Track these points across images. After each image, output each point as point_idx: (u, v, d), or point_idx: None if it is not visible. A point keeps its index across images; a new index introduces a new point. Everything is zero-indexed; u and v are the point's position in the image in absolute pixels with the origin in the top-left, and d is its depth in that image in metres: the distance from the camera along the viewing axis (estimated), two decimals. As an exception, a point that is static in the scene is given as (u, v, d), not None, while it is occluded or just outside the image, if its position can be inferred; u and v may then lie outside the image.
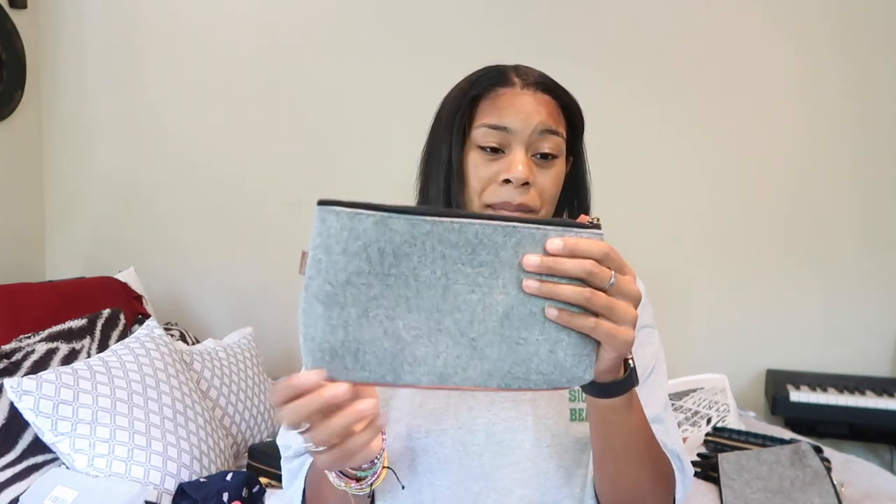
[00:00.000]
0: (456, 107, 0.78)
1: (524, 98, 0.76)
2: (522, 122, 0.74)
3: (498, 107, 0.75)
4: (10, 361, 1.60)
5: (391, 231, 0.50)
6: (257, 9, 2.47)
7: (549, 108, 0.76)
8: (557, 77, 0.81)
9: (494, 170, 0.75)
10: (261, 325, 2.44)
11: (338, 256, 0.50)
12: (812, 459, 1.46)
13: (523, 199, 0.74)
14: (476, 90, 0.77)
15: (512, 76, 0.77)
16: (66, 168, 2.59)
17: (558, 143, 0.76)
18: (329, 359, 0.50)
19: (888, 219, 2.22)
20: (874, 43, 2.19)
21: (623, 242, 2.49)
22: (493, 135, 0.75)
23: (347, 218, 0.50)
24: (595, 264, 0.53)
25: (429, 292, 0.52)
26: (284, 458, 0.83)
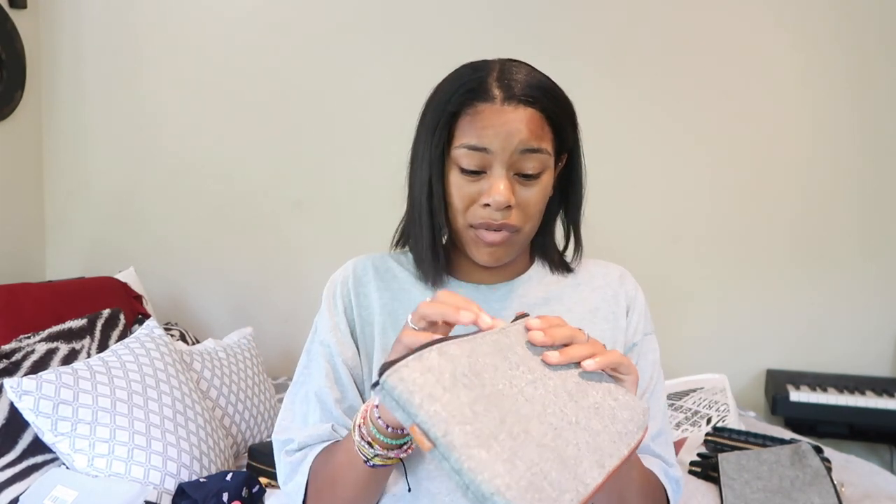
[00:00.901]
0: (435, 122, 0.75)
1: (505, 116, 0.72)
2: (502, 143, 0.71)
3: (477, 126, 0.72)
4: (10, 361, 1.60)
5: (453, 356, 0.51)
6: (256, 10, 2.47)
7: (531, 124, 0.72)
8: (558, 77, 0.78)
9: (475, 190, 0.74)
10: (261, 325, 2.45)
11: (445, 397, 0.48)
12: (812, 459, 1.46)
13: (505, 220, 0.74)
14: (454, 106, 0.74)
15: (492, 88, 0.73)
16: (66, 168, 2.59)
17: (542, 160, 0.74)
18: (534, 495, 0.47)
19: (888, 219, 2.22)
20: (878, 45, 2.18)
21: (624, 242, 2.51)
22: (472, 156, 0.73)
23: (417, 362, 0.49)
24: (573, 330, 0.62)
25: (521, 398, 0.53)
26: (285, 451, 0.80)
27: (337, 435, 0.78)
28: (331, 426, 0.78)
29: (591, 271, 0.88)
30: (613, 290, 0.86)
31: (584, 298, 0.85)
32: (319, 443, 0.78)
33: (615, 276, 0.88)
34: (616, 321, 0.84)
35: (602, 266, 0.90)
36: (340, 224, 2.48)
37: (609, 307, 0.85)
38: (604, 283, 0.87)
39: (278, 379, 2.37)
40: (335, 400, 0.80)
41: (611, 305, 0.85)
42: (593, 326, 0.83)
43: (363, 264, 0.86)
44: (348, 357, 0.81)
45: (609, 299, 0.85)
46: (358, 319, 0.82)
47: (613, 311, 0.85)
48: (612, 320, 0.84)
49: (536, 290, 0.85)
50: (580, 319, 0.83)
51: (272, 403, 1.95)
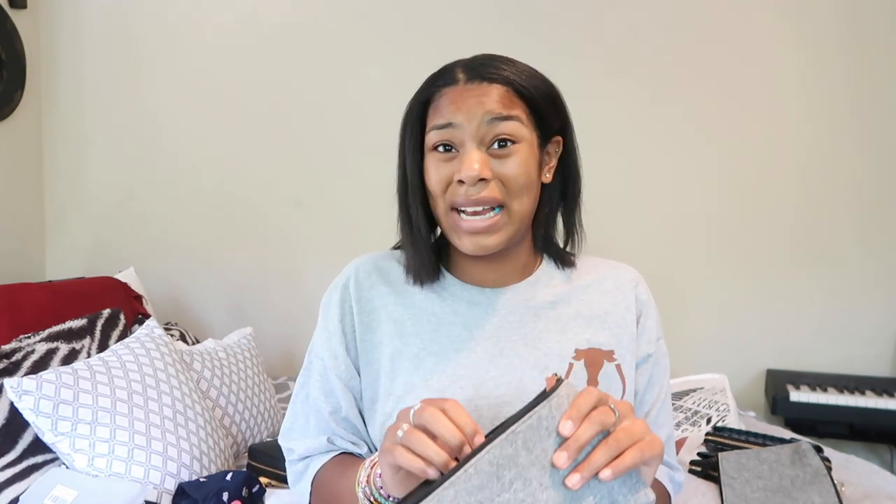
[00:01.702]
0: (408, 116, 0.77)
1: (468, 92, 0.73)
2: (466, 115, 0.72)
3: (442, 107, 0.73)
4: (10, 361, 1.60)
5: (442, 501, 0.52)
6: (256, 10, 2.47)
7: (497, 96, 0.72)
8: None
9: (450, 170, 0.74)
10: (261, 325, 2.45)
11: None
12: (812, 458, 1.46)
13: (482, 194, 0.72)
14: (423, 95, 0.76)
15: (457, 73, 0.75)
16: (66, 168, 2.59)
17: (514, 126, 0.72)
18: None
19: (889, 219, 2.22)
20: (880, 46, 2.18)
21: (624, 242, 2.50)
22: (440, 134, 0.73)
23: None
24: (601, 411, 0.56)
25: None
26: (289, 460, 0.85)
27: (333, 446, 0.81)
28: (326, 439, 0.81)
29: (601, 273, 0.86)
30: (624, 295, 0.84)
31: (593, 301, 0.83)
32: (318, 454, 0.82)
33: (626, 279, 0.85)
34: (626, 327, 0.82)
35: (613, 268, 0.87)
36: (340, 224, 2.48)
37: (619, 312, 0.82)
38: (614, 287, 0.84)
39: (278, 379, 2.37)
40: (329, 413, 0.81)
41: (621, 311, 0.82)
42: (602, 331, 0.81)
43: (366, 266, 0.85)
44: (341, 370, 0.81)
45: (619, 304, 0.83)
46: (359, 326, 0.81)
47: (623, 317, 0.82)
48: (623, 325, 0.82)
49: (544, 292, 0.82)
50: (588, 324, 0.81)
51: (272, 403, 1.95)
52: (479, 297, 0.81)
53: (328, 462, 0.80)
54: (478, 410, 0.75)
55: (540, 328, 0.80)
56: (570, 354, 0.78)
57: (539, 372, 0.77)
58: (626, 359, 0.80)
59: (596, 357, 0.79)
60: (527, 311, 0.81)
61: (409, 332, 0.79)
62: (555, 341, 0.79)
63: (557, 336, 0.79)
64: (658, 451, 0.58)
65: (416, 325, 0.80)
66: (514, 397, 0.75)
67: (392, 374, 0.78)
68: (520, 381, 0.76)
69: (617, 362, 0.79)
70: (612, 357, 0.79)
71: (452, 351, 0.78)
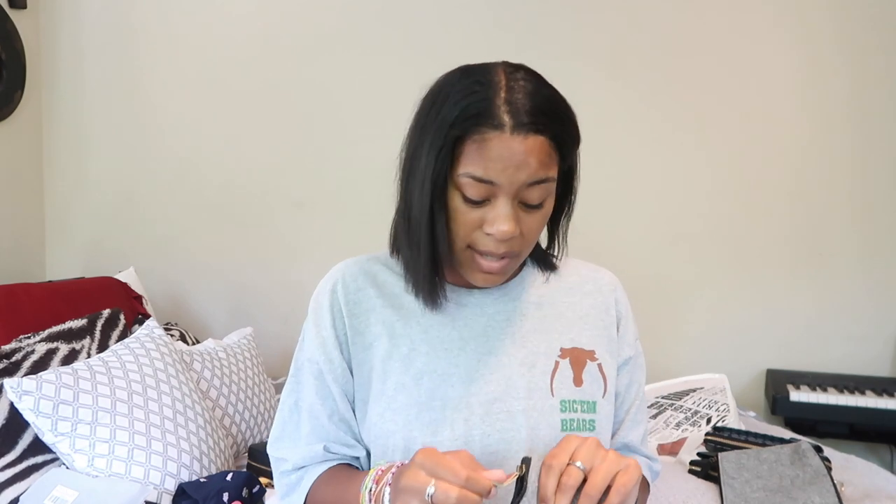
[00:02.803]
0: (438, 143, 0.70)
1: (514, 147, 0.67)
2: (510, 178, 0.68)
3: (484, 157, 0.68)
4: (10, 361, 1.60)
5: None
6: (255, 10, 2.47)
7: (540, 155, 0.69)
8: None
9: (478, 216, 0.72)
10: (261, 325, 2.45)
11: None
12: (812, 458, 1.46)
13: (508, 248, 0.73)
14: (459, 129, 0.69)
15: (501, 114, 0.68)
16: (66, 168, 2.59)
17: (547, 188, 0.72)
18: None
19: (888, 219, 2.22)
20: (876, 47, 2.18)
21: (624, 242, 2.50)
22: (478, 187, 0.69)
23: None
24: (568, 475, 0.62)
25: None
26: (281, 471, 0.83)
27: (330, 454, 0.80)
28: (323, 447, 0.80)
29: (581, 274, 0.88)
30: (604, 298, 0.87)
31: (574, 303, 0.85)
32: (313, 464, 0.81)
33: (605, 282, 0.88)
34: (606, 329, 0.85)
35: (593, 270, 0.90)
36: (340, 224, 2.48)
37: (598, 314, 0.85)
38: (594, 289, 0.87)
39: (278, 379, 2.37)
40: (327, 416, 0.81)
41: (600, 313, 0.86)
42: (584, 332, 0.83)
43: (352, 269, 0.84)
44: (338, 374, 0.81)
45: (598, 306, 0.86)
46: (350, 329, 0.81)
47: (603, 320, 0.85)
48: (602, 328, 0.85)
49: (529, 293, 0.85)
50: (570, 325, 0.83)
51: (272, 403, 1.95)
52: (468, 298, 0.83)
53: (323, 474, 0.80)
54: (469, 407, 0.76)
55: (527, 327, 0.82)
56: (556, 353, 0.81)
57: (527, 369, 0.79)
58: (606, 359, 0.83)
59: (580, 356, 0.82)
60: (514, 310, 0.83)
61: (400, 334, 0.80)
62: (541, 340, 0.81)
63: (544, 335, 0.82)
64: (636, 476, 0.62)
65: (406, 327, 0.80)
66: (503, 394, 0.77)
67: (384, 375, 0.79)
68: (509, 379, 0.78)
69: (598, 362, 0.82)
70: (593, 357, 0.82)
71: (442, 350, 0.79)
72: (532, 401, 0.77)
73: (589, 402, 0.79)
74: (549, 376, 0.79)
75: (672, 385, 2.10)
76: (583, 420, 0.78)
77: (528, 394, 0.78)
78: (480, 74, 0.71)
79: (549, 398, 0.78)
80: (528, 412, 0.77)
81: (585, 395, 0.80)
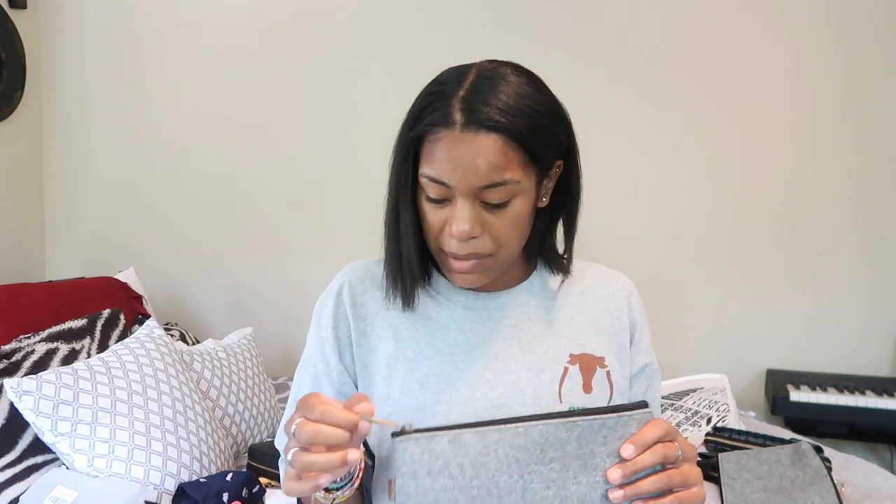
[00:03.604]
0: (400, 144, 0.73)
1: (462, 147, 0.67)
2: (459, 180, 0.68)
3: (435, 158, 0.68)
4: (10, 361, 1.60)
5: (465, 445, 0.57)
6: (257, 9, 2.47)
7: (492, 155, 0.67)
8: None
9: (443, 217, 0.72)
10: (261, 325, 2.45)
11: (424, 479, 0.56)
12: (812, 459, 1.46)
13: (471, 249, 0.72)
14: (417, 130, 0.70)
15: (454, 111, 0.67)
16: (66, 168, 2.59)
17: (507, 190, 0.69)
18: None
19: (888, 218, 2.22)
20: (872, 45, 2.18)
21: (624, 242, 2.49)
22: (434, 187, 0.70)
23: (426, 441, 0.56)
24: (665, 445, 0.58)
25: (510, 496, 0.57)
26: (280, 460, 0.86)
27: None
28: None
29: (594, 279, 0.86)
30: (616, 304, 0.84)
31: (585, 308, 0.83)
32: None
33: (619, 287, 0.86)
34: (617, 336, 0.82)
35: (606, 274, 0.87)
36: (341, 224, 2.48)
37: (610, 320, 0.83)
38: (607, 294, 0.85)
39: (278, 379, 2.37)
40: None
41: (612, 318, 0.83)
42: (594, 338, 0.81)
43: (359, 272, 0.84)
44: (333, 377, 0.81)
45: (611, 311, 0.83)
46: (355, 332, 0.81)
47: (614, 325, 0.83)
48: (613, 334, 0.82)
49: (538, 297, 0.83)
50: (581, 330, 0.81)
51: (272, 403, 1.95)
52: (475, 302, 0.81)
53: None
54: (475, 412, 0.75)
55: (535, 332, 0.80)
56: (565, 358, 0.79)
57: (535, 375, 0.77)
58: (615, 367, 0.81)
59: (590, 362, 0.79)
60: (521, 315, 0.81)
61: (405, 336, 0.79)
62: (549, 345, 0.79)
63: (552, 340, 0.80)
64: (698, 499, 0.61)
65: (412, 329, 0.80)
66: (509, 399, 0.76)
67: (389, 379, 0.78)
68: (515, 384, 0.77)
69: (608, 369, 0.80)
70: (603, 364, 0.80)
71: (448, 354, 0.78)
72: (539, 407, 0.75)
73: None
74: (558, 382, 0.77)
75: (672, 385, 2.10)
76: None
77: (534, 400, 0.76)
78: (453, 74, 0.72)
79: (557, 405, 0.76)
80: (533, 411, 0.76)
81: (594, 402, 0.77)
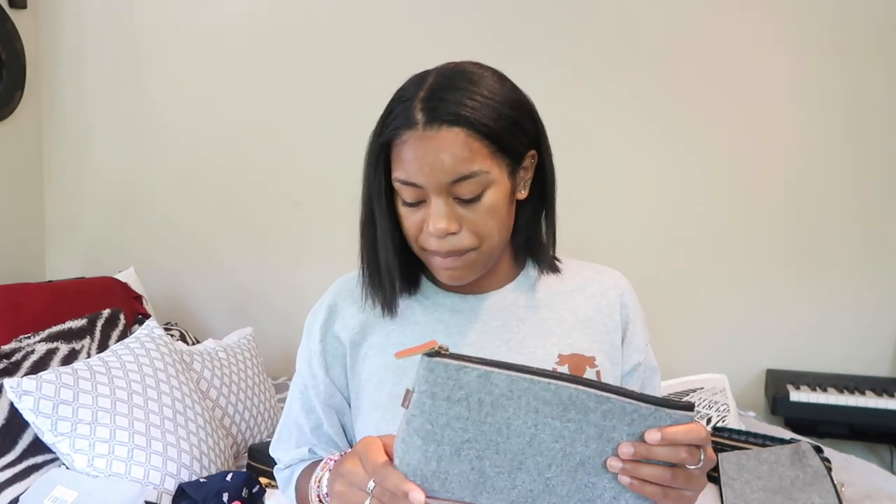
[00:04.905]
0: (369, 152, 0.74)
1: (427, 145, 0.68)
2: (427, 178, 0.69)
3: (403, 160, 0.70)
4: (10, 361, 1.60)
5: (492, 384, 0.56)
6: (256, 9, 2.47)
7: (456, 148, 0.68)
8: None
9: (420, 218, 0.72)
10: (261, 325, 2.45)
11: (441, 402, 0.56)
12: (812, 459, 1.46)
13: (451, 246, 0.71)
14: (384, 136, 0.72)
15: (415, 112, 0.69)
16: (66, 168, 2.59)
17: (478, 182, 0.69)
18: (419, 482, 0.57)
19: (888, 219, 2.22)
20: (874, 48, 2.18)
21: (624, 243, 2.49)
22: (407, 190, 0.71)
23: (455, 370, 0.56)
24: (689, 450, 0.55)
25: (518, 439, 0.57)
26: (276, 468, 0.90)
27: (315, 455, 0.86)
28: (307, 450, 0.85)
29: (585, 277, 0.84)
30: (608, 301, 0.83)
31: (575, 307, 0.82)
32: (300, 462, 0.87)
33: (610, 285, 0.84)
34: (608, 334, 0.81)
35: (597, 272, 0.86)
36: (341, 225, 2.45)
37: (602, 318, 0.81)
38: (598, 292, 0.83)
39: (278, 379, 2.37)
40: (310, 429, 0.85)
41: (603, 317, 0.82)
42: (584, 337, 0.80)
43: (349, 284, 0.85)
44: (320, 390, 0.83)
45: (602, 310, 0.82)
46: (349, 344, 0.81)
47: (605, 324, 0.81)
48: (604, 332, 0.81)
49: (526, 297, 0.81)
50: (570, 329, 0.80)
51: (272, 403, 1.95)
52: (462, 304, 0.81)
53: (305, 469, 0.85)
54: None
55: (523, 333, 0.79)
56: (553, 360, 0.78)
57: None
58: (606, 366, 0.80)
59: (579, 363, 0.78)
60: (510, 316, 0.80)
61: (394, 343, 0.79)
62: (538, 346, 0.78)
63: (541, 341, 0.79)
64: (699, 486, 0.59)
65: (400, 336, 0.80)
66: None
67: (378, 386, 0.79)
68: None
69: (598, 369, 0.79)
70: (593, 363, 0.79)
71: None
72: None
73: None
74: None
75: (672, 385, 2.10)
76: None
77: None
78: (415, 79, 0.74)
79: None
80: None
81: None
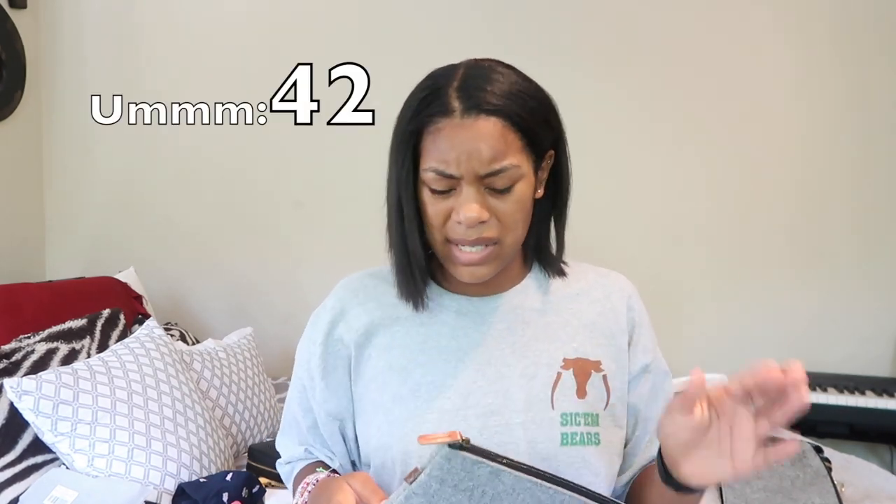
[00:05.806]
0: (398, 140, 0.74)
1: (464, 133, 0.68)
2: (464, 166, 0.69)
3: (438, 148, 0.70)
4: (10, 361, 1.60)
5: (499, 481, 0.60)
6: (256, 9, 2.47)
7: (494, 140, 0.69)
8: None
9: (449, 206, 0.72)
10: (261, 325, 2.44)
11: (448, 489, 0.60)
12: (812, 459, 1.46)
13: (480, 235, 0.72)
14: (415, 123, 0.71)
15: (451, 100, 0.70)
16: (66, 168, 2.59)
17: (510, 175, 0.70)
18: None
19: (888, 219, 2.22)
20: (875, 48, 2.18)
21: (624, 243, 2.49)
22: (439, 180, 0.71)
23: (471, 463, 0.60)
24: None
25: None
26: (279, 462, 0.92)
27: (311, 455, 0.87)
28: (304, 449, 0.87)
29: (591, 281, 0.84)
30: (613, 305, 0.82)
31: (581, 311, 0.81)
32: (298, 460, 0.89)
33: (616, 289, 0.84)
34: (614, 339, 0.81)
35: (603, 275, 0.85)
36: (341, 225, 2.48)
37: (606, 322, 0.81)
38: (602, 296, 0.83)
39: (278, 379, 2.37)
40: (307, 428, 0.86)
41: (609, 322, 0.81)
42: (590, 341, 0.79)
43: (353, 285, 0.85)
44: (316, 392, 0.83)
45: (607, 314, 0.82)
46: (354, 346, 0.81)
47: (611, 328, 0.81)
48: (610, 336, 0.80)
49: (532, 300, 0.81)
50: (575, 333, 0.80)
51: (272, 403, 1.95)
52: (468, 307, 0.80)
53: (302, 470, 0.87)
54: (466, 420, 0.74)
55: (528, 336, 0.79)
56: (558, 363, 0.77)
57: (527, 380, 0.76)
58: (612, 370, 0.79)
59: (584, 367, 0.78)
60: (515, 319, 0.80)
61: (398, 345, 0.79)
62: (543, 349, 0.78)
63: (545, 344, 0.79)
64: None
65: (405, 338, 0.79)
66: (501, 406, 0.75)
67: (382, 387, 0.78)
68: (507, 391, 0.76)
69: (604, 373, 0.78)
70: (599, 367, 0.78)
71: (441, 361, 0.77)
72: (531, 413, 0.74)
73: (592, 415, 0.76)
74: (550, 388, 0.76)
75: (672, 385, 2.10)
76: (586, 433, 0.75)
77: (526, 406, 0.75)
78: (442, 71, 0.74)
79: (548, 411, 0.75)
80: (527, 425, 0.74)
81: (589, 407, 0.76)
